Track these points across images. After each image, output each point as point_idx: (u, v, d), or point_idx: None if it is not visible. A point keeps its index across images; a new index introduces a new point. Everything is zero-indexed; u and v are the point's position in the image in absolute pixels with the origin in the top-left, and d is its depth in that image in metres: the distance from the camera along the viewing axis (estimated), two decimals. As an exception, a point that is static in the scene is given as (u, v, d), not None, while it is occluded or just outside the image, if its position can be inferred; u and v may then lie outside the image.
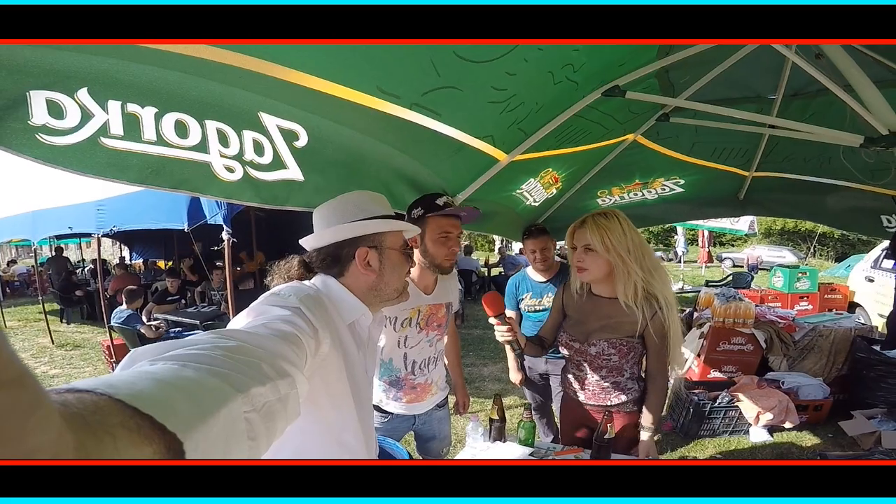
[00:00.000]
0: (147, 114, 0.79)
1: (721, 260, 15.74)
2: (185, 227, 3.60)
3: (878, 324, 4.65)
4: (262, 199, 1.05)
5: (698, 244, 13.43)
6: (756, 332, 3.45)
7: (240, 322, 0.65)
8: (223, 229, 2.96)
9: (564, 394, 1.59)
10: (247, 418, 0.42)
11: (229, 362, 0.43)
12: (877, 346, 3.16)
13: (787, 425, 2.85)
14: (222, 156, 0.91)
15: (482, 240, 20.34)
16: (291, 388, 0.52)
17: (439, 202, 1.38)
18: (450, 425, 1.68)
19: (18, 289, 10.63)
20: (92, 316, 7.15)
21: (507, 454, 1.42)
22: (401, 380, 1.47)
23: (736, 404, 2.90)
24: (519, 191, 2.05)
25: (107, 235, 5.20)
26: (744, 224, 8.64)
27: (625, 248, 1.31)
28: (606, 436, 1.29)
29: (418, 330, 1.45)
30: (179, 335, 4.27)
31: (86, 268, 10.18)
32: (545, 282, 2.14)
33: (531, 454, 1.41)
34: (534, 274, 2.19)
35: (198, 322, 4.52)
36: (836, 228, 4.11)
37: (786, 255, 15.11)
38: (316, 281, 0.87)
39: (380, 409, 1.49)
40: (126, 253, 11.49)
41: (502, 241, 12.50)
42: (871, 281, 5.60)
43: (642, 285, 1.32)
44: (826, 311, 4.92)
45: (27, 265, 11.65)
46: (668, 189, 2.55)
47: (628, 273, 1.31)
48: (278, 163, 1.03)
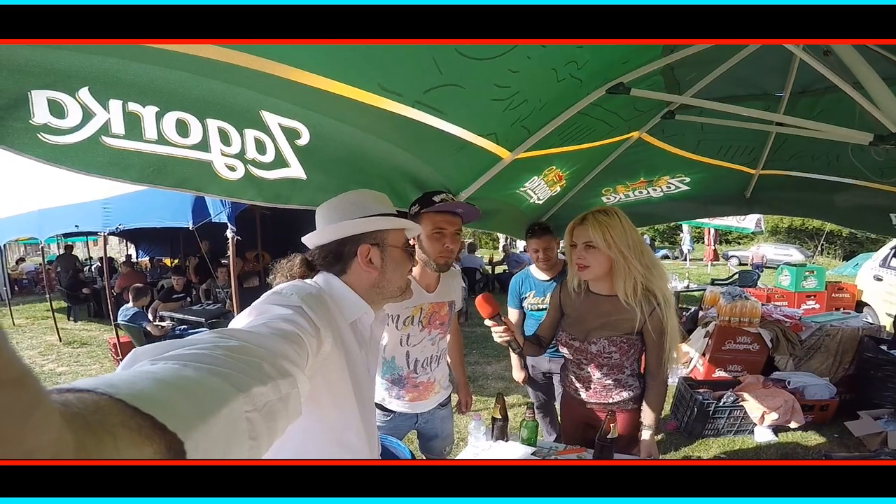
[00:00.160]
0: (148, 113, 0.79)
1: (727, 258, 15.61)
2: (190, 225, 3.62)
3: (887, 323, 4.60)
4: (265, 198, 1.05)
5: (704, 242, 13.32)
6: (762, 332, 3.43)
7: (241, 321, 0.65)
8: (228, 227, 2.97)
9: (564, 392, 1.59)
10: (248, 418, 0.42)
11: (230, 362, 0.43)
12: (885, 346, 3.13)
13: (793, 425, 2.83)
14: (224, 154, 0.91)
15: (486, 237, 20.34)
16: (293, 387, 0.52)
17: (435, 199, 1.37)
18: (452, 424, 1.68)
19: (27, 287, 10.75)
20: (99, 314, 7.21)
21: (510, 453, 1.42)
22: (403, 378, 1.47)
23: (741, 404, 2.88)
24: (522, 189, 2.05)
25: (113, 233, 5.25)
26: (750, 222, 8.57)
27: (625, 244, 1.31)
28: (609, 436, 1.29)
29: (420, 328, 1.45)
30: (185, 333, 4.31)
31: (93, 266, 10.28)
32: (548, 280, 2.13)
33: (533, 454, 1.41)
34: (537, 272, 2.18)
35: (203, 320, 4.55)
36: (845, 227, 4.06)
37: (793, 253, 14.97)
38: (318, 279, 0.87)
39: (382, 407, 1.49)
40: (132, 251, 11.60)
41: (506, 238, 12.48)
42: (880, 280, 5.54)
43: (642, 282, 1.33)
44: (833, 311, 4.87)
45: (35, 263, 11.78)
46: (673, 187, 2.53)
47: (628, 269, 1.32)
48: (280, 161, 1.03)
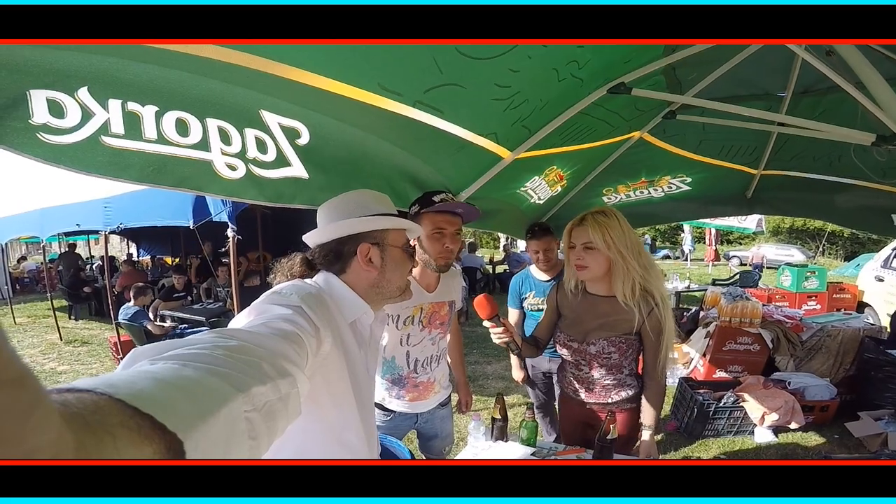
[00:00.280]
0: (148, 112, 0.79)
1: (728, 258, 15.58)
2: (191, 224, 3.63)
3: (888, 324, 4.58)
4: (267, 198, 1.05)
5: (705, 242, 13.30)
6: (763, 332, 3.42)
7: (241, 321, 0.65)
8: (228, 226, 2.98)
9: (563, 393, 1.59)
10: (247, 418, 0.42)
11: (230, 362, 0.43)
12: (883, 346, 3.12)
13: (793, 426, 2.82)
14: (224, 154, 0.91)
15: (487, 237, 20.33)
16: (292, 387, 0.52)
17: (435, 199, 1.37)
18: (452, 424, 1.68)
19: (28, 285, 10.77)
20: (100, 312, 7.22)
21: (509, 454, 1.42)
22: (403, 378, 1.47)
23: (741, 404, 2.87)
24: (523, 188, 2.04)
25: (114, 232, 5.26)
26: (751, 222, 8.56)
27: (624, 245, 1.32)
28: (609, 436, 1.29)
29: (421, 328, 1.45)
30: (185, 332, 4.31)
31: (94, 264, 10.30)
32: (549, 280, 2.13)
33: (533, 454, 1.41)
34: (537, 273, 2.18)
35: (203, 319, 4.56)
36: (846, 227, 4.06)
37: (794, 253, 14.93)
38: (318, 279, 0.87)
39: (382, 407, 1.49)
40: (133, 249, 11.62)
41: (507, 238, 12.47)
42: (881, 280, 5.53)
43: (640, 282, 1.33)
44: (834, 311, 4.86)
45: (36, 262, 11.80)
46: (674, 187, 2.53)
47: (627, 270, 1.32)
48: (282, 160, 1.03)
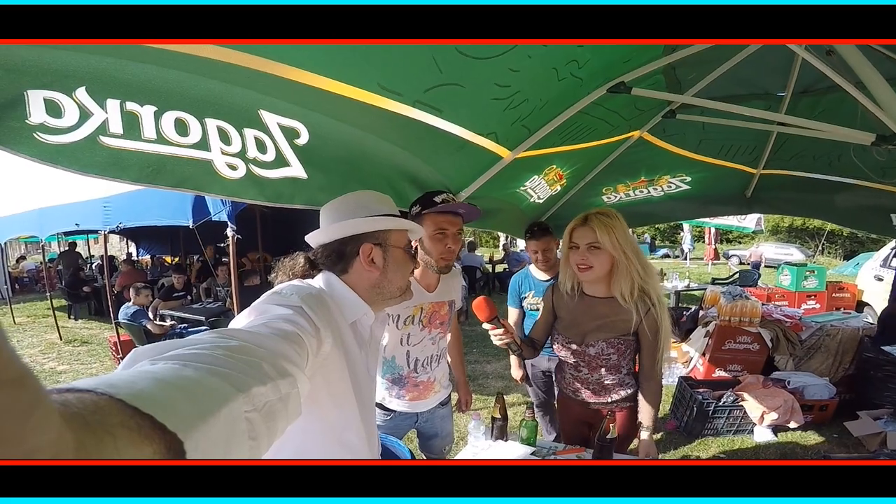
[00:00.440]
0: (146, 112, 0.78)
1: (727, 257, 15.60)
2: (190, 223, 3.63)
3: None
4: (267, 197, 1.05)
5: (705, 241, 13.31)
6: (762, 331, 3.43)
7: (241, 321, 0.65)
8: (228, 226, 2.97)
9: (562, 393, 1.59)
10: (248, 418, 0.42)
11: (230, 362, 0.43)
12: (886, 347, 3.12)
13: (792, 425, 2.83)
14: (224, 153, 0.90)
15: (486, 236, 20.34)
16: (293, 387, 0.52)
17: (437, 199, 1.37)
18: (452, 423, 1.68)
19: (27, 285, 10.76)
20: (99, 312, 7.22)
21: (509, 453, 1.42)
22: (403, 377, 1.47)
23: (740, 403, 2.88)
24: (523, 188, 2.04)
25: (113, 232, 5.25)
26: (751, 221, 8.56)
27: (628, 245, 1.33)
28: (609, 436, 1.29)
29: (421, 328, 1.45)
30: (185, 331, 4.31)
31: (93, 264, 10.30)
32: (548, 280, 2.13)
33: (533, 453, 1.41)
34: (537, 272, 2.18)
35: (203, 318, 4.55)
36: (845, 227, 4.06)
37: (793, 252, 14.94)
38: (318, 279, 0.87)
39: (382, 406, 1.49)
40: (133, 249, 11.61)
41: (506, 237, 12.47)
42: (881, 280, 5.53)
43: (639, 283, 1.34)
44: (834, 311, 4.86)
45: (36, 261, 11.79)
46: (674, 186, 2.53)
47: (630, 270, 1.33)
48: (281, 160, 1.03)
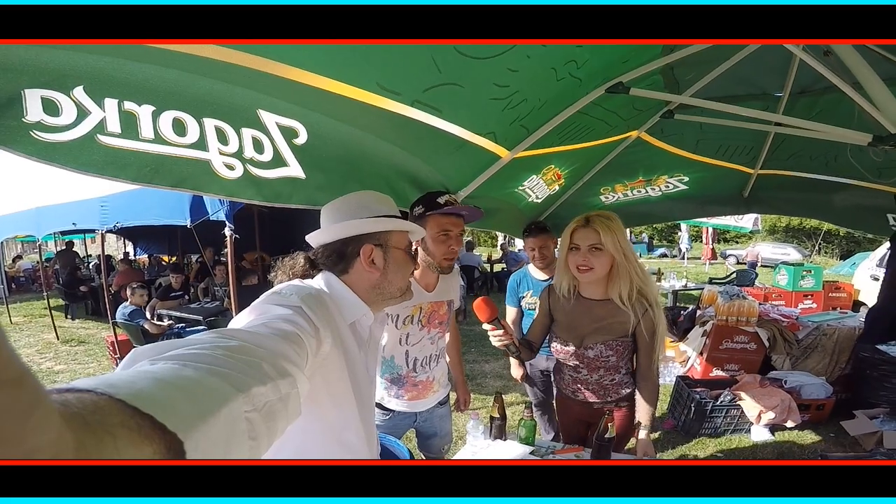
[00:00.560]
0: (144, 112, 0.78)
1: (725, 257, 15.65)
2: (188, 223, 3.61)
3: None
4: (264, 197, 1.05)
5: (702, 241, 13.36)
6: (759, 331, 3.44)
7: (241, 321, 0.65)
8: (225, 226, 2.96)
9: (560, 393, 1.60)
10: (247, 418, 0.42)
11: (230, 362, 0.43)
12: (881, 346, 3.14)
13: (789, 424, 2.84)
14: (222, 153, 0.90)
15: (485, 235, 20.35)
16: (292, 387, 0.52)
17: (440, 200, 1.38)
18: (451, 422, 1.68)
19: (24, 284, 10.70)
20: (96, 311, 7.18)
21: (508, 453, 1.43)
22: (402, 377, 1.47)
23: (738, 403, 2.89)
24: (521, 187, 2.05)
25: (110, 231, 5.23)
26: (748, 221, 8.60)
27: (627, 247, 1.35)
28: (607, 435, 1.29)
29: (420, 327, 1.45)
30: (183, 331, 4.29)
31: (90, 263, 10.25)
32: (546, 280, 2.14)
33: (531, 453, 1.42)
34: (535, 272, 2.19)
35: (201, 318, 4.54)
36: (842, 227, 4.07)
37: (790, 252, 15.01)
38: (318, 279, 0.87)
39: (381, 406, 1.49)
40: (130, 248, 11.56)
41: (505, 237, 12.48)
42: (877, 279, 5.56)
43: (638, 284, 1.36)
44: (830, 310, 4.88)
45: (32, 261, 11.73)
46: (671, 186, 2.54)
47: (629, 272, 1.34)
48: (279, 160, 1.03)
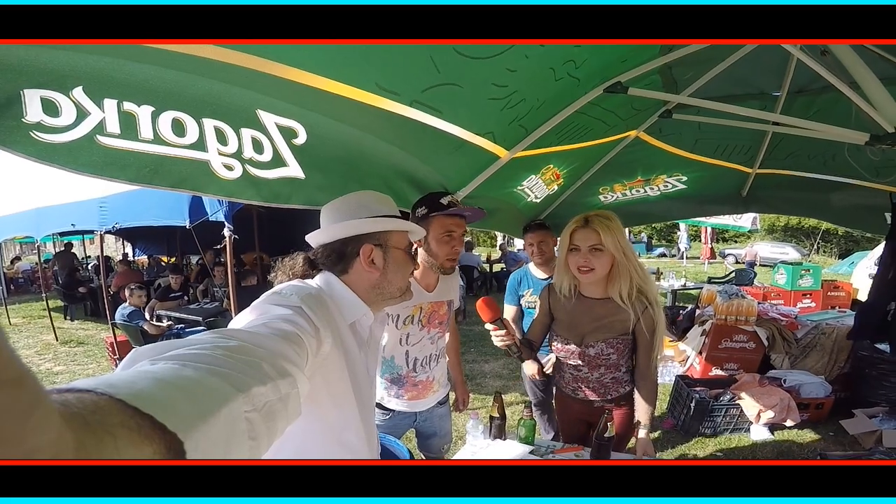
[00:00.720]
0: (144, 112, 0.78)
1: (724, 256, 15.68)
2: (187, 224, 3.61)
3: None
4: (264, 198, 1.04)
5: (701, 240, 13.38)
6: (758, 330, 3.45)
7: (241, 321, 0.65)
8: (225, 226, 2.96)
9: (560, 391, 1.60)
10: (247, 418, 0.42)
11: (230, 362, 0.43)
12: (880, 345, 3.14)
13: (789, 423, 2.85)
14: (221, 154, 0.90)
15: (484, 235, 20.35)
16: (292, 387, 0.52)
17: (443, 201, 1.39)
18: (451, 422, 1.68)
19: (22, 286, 10.68)
20: (95, 312, 7.18)
21: (507, 452, 1.43)
22: (402, 377, 1.47)
23: (737, 402, 2.90)
24: (520, 187, 2.05)
25: (109, 232, 5.22)
26: (746, 220, 8.61)
27: (627, 246, 1.35)
28: (607, 434, 1.29)
29: (420, 327, 1.45)
30: (182, 332, 4.29)
31: (89, 264, 10.23)
32: (547, 278, 2.14)
33: (531, 452, 1.42)
34: (535, 270, 2.19)
35: (200, 319, 4.53)
36: (840, 226, 4.08)
37: (789, 251, 15.04)
38: (318, 279, 0.87)
39: (381, 406, 1.49)
40: (129, 249, 11.54)
41: (504, 236, 12.48)
42: (875, 278, 5.56)
43: (638, 283, 1.36)
44: (829, 309, 4.90)
45: (31, 262, 11.71)
46: (670, 186, 2.54)
47: (629, 271, 1.35)
48: (278, 160, 1.03)
